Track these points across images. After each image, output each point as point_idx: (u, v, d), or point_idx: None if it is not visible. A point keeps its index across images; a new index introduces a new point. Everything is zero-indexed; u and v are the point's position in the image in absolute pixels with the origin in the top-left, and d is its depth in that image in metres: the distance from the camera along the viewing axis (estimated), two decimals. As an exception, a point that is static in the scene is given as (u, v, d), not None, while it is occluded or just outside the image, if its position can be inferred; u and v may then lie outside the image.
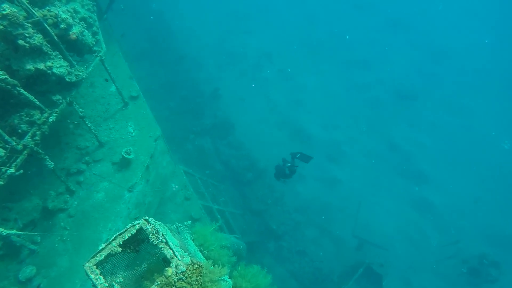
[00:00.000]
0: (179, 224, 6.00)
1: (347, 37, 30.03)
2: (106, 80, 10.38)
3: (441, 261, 16.70)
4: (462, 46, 32.10)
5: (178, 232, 5.79)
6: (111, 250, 4.21)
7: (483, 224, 19.30)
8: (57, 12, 6.81)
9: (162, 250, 4.10)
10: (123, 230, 4.26)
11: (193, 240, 6.53)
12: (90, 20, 8.71)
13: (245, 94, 21.62)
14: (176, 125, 17.21)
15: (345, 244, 17.19)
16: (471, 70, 29.87)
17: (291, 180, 13.50)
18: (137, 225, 4.22)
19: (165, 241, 4.16)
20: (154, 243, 4.10)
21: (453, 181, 20.35)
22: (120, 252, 4.30)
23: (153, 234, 4.13)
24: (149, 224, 4.24)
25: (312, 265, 15.10)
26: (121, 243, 4.22)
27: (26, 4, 6.19)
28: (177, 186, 10.31)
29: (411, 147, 21.66)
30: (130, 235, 4.23)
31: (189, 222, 6.22)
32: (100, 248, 4.29)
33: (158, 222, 4.77)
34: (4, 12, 5.71)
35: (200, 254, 6.00)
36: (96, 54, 8.20)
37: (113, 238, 4.24)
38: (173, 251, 4.12)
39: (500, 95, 27.21)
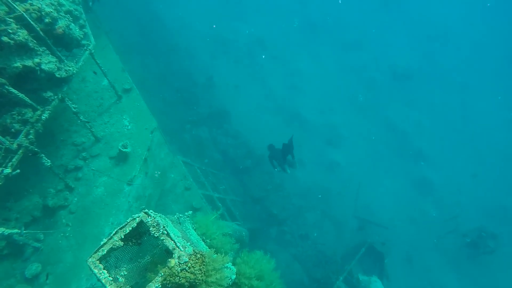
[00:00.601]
0: (180, 215, 6.02)
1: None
2: (95, 73, 10.20)
3: (442, 236, 17.02)
4: (457, 21, 31.74)
5: (180, 223, 5.81)
6: (113, 244, 4.24)
7: (482, 198, 19.58)
8: (40, 5, 6.62)
9: (163, 242, 4.12)
10: (124, 224, 4.27)
11: (195, 229, 6.56)
12: (76, 12, 8.49)
13: (239, 81, 21.39)
14: (172, 116, 17.06)
15: (346, 225, 17.41)
16: (467, 46, 29.66)
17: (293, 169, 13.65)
18: (137, 218, 4.23)
19: (166, 232, 4.18)
20: (155, 235, 4.12)
21: (451, 158, 20.51)
22: (123, 246, 4.33)
23: (153, 227, 4.14)
24: (149, 217, 4.25)
25: (315, 248, 15.30)
26: (123, 237, 4.24)
27: (7, -2, 5.99)
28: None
29: (408, 127, 21.69)
30: (131, 228, 4.24)
31: (190, 212, 6.24)
32: (102, 243, 4.32)
33: (159, 214, 4.78)
34: (-16, 9, 5.54)
35: (203, 243, 6.05)
36: (85, 48, 8.03)
37: (114, 232, 4.25)
38: (174, 242, 4.15)
39: (497, 70, 27.13)
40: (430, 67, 26.33)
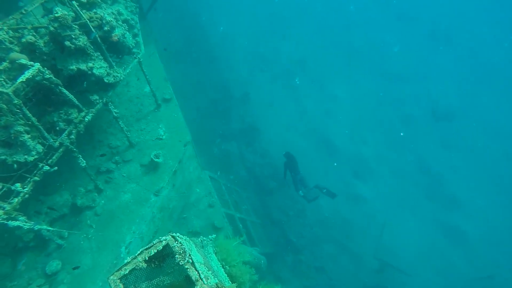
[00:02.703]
0: (204, 238, 5.87)
1: (395, 50, 29.02)
2: (138, 79, 10.54)
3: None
4: (507, 63, 30.18)
5: (202, 246, 5.66)
6: (136, 265, 4.14)
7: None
8: (102, 14, 6.94)
9: (187, 271, 3.96)
10: (149, 245, 4.17)
11: (215, 253, 6.37)
12: (132, 22, 8.85)
13: (274, 100, 21.38)
14: (204, 127, 17.24)
15: (365, 264, 16.48)
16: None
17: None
18: (164, 242, 4.12)
19: (191, 261, 4.03)
20: (180, 263, 3.97)
21: (489, 209, 19.00)
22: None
23: (179, 254, 4.00)
24: (176, 242, 4.12)
25: (330, 283, 14.58)
26: (147, 258, 4.13)
27: (76, 6, 6.33)
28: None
29: (443, 170, 20.49)
30: (156, 251, 4.14)
31: (214, 235, 6.06)
32: (126, 261, 4.23)
33: (184, 237, 4.66)
34: (56, 15, 5.86)
35: (222, 270, 5.84)
36: (134, 55, 8.29)
37: (139, 252, 4.16)
38: (198, 273, 3.98)
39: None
40: (474, 110, 24.96)
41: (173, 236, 4.15)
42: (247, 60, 24.10)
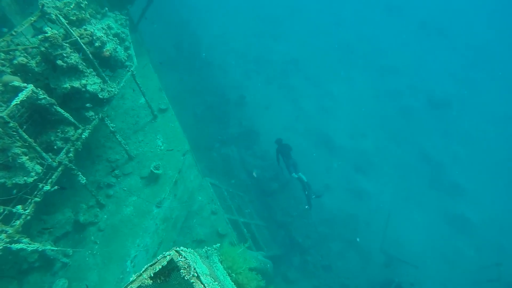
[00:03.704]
0: (208, 248, 5.85)
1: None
2: (133, 90, 10.54)
3: (480, 283, 15.57)
4: (500, 48, 30.20)
5: (207, 257, 5.65)
6: (142, 283, 4.12)
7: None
8: (92, 30, 6.93)
9: (193, 285, 3.96)
10: (153, 261, 4.16)
11: (221, 262, 6.36)
12: (123, 35, 8.84)
13: (271, 101, 21.37)
14: (202, 133, 17.25)
15: (372, 259, 16.46)
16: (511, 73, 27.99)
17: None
18: (168, 257, 4.10)
19: (196, 275, 4.02)
20: (185, 278, 3.96)
21: (493, 195, 18.97)
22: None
23: (184, 268, 3.99)
24: (181, 257, 4.10)
25: (338, 281, 14.56)
26: (152, 275, 4.12)
27: (66, 25, 6.32)
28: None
29: (444, 158, 20.48)
30: (160, 267, 4.13)
31: (218, 245, 6.04)
32: (131, 279, 4.21)
33: (189, 250, 4.64)
34: (46, 35, 5.86)
35: (229, 278, 5.83)
36: (128, 69, 8.29)
37: (144, 269, 4.14)
38: (204, 286, 3.97)
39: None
40: (470, 96, 24.96)
41: (177, 251, 4.14)
42: (241, 63, 24.09)
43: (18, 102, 5.57)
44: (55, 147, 6.69)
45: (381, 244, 16.66)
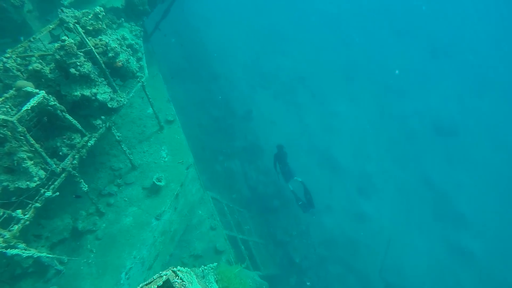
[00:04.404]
0: (205, 267, 5.75)
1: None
2: (142, 98, 10.61)
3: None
4: (510, 77, 30.17)
5: (203, 276, 5.55)
6: (136, 301, 4.04)
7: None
8: (107, 41, 7.06)
9: (188, 308, 3.87)
10: (149, 281, 4.07)
11: (217, 281, 6.24)
12: (136, 46, 9.03)
13: (276, 117, 21.45)
14: (206, 145, 17.28)
15: (371, 285, 16.10)
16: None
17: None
18: (164, 277, 4.03)
19: (191, 297, 3.94)
20: (181, 300, 3.88)
21: (497, 228, 18.60)
22: (145, 302, 4.12)
23: (180, 290, 3.91)
24: (177, 278, 4.03)
25: (335, 305, 14.24)
26: (147, 294, 4.04)
27: (82, 34, 6.46)
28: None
29: (448, 186, 20.22)
30: (156, 287, 4.05)
31: (215, 264, 5.94)
32: (126, 297, 4.14)
33: (186, 270, 4.56)
34: (63, 44, 5.98)
35: (224, 300, 5.72)
36: (138, 79, 8.39)
37: None
38: (199, 309, 3.88)
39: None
40: (477, 124, 24.87)
41: (173, 271, 4.07)
42: (248, 77, 24.34)
43: (29, 108, 5.63)
44: (60, 153, 6.70)
45: (381, 269, 16.32)
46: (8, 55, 6.45)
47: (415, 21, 34.81)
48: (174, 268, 4.17)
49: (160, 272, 4.16)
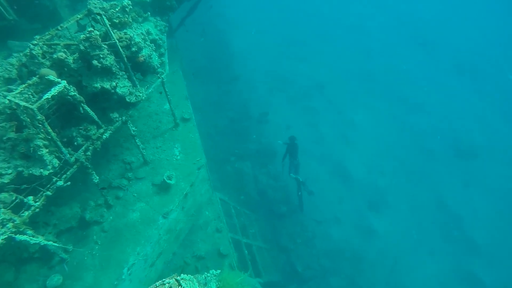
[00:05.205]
0: (208, 274, 5.66)
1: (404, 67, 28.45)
2: (160, 93, 10.59)
3: None
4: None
5: (205, 284, 5.46)
6: (136, 306, 3.97)
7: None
8: (132, 35, 7.05)
9: (187, 319, 3.78)
10: (152, 287, 4.02)
11: (218, 288, 6.14)
12: (160, 41, 9.01)
13: (292, 122, 21.22)
14: (220, 144, 17.27)
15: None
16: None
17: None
18: (167, 285, 3.95)
19: (192, 308, 3.84)
20: (181, 310, 3.79)
21: (510, 258, 17.85)
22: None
23: (181, 300, 3.82)
24: (180, 287, 3.94)
25: (334, 320, 13.93)
26: (148, 300, 3.97)
27: (108, 27, 6.47)
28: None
29: (463, 211, 19.50)
30: (157, 293, 3.97)
31: (218, 271, 5.84)
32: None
33: (189, 277, 4.49)
34: (88, 35, 6.00)
35: (223, 308, 5.60)
36: (158, 75, 8.37)
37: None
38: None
39: None
40: (499, 148, 23.87)
41: (177, 280, 3.98)
42: (267, 80, 24.20)
43: (49, 97, 5.66)
44: (75, 143, 6.74)
45: (385, 288, 15.90)
46: (36, 42, 6.51)
47: (441, 33, 33.91)
48: (178, 277, 4.08)
49: (163, 280, 4.09)
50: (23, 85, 5.96)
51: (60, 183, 6.25)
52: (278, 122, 20.52)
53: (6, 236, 5.48)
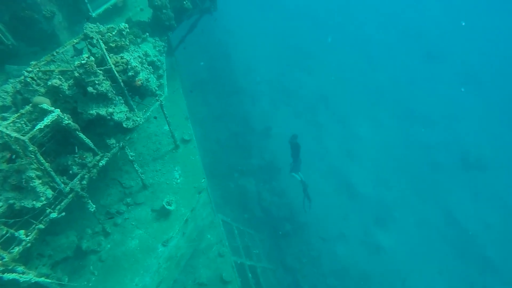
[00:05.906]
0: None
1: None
2: (155, 117, 10.30)
3: None
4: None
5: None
6: None
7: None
8: (128, 59, 6.89)
9: None
10: None
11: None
12: (158, 63, 8.87)
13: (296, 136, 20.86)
14: (222, 160, 16.98)
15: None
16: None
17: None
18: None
19: None
20: None
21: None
22: None
23: None
24: None
25: None
26: None
27: (104, 51, 6.31)
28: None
29: (473, 225, 18.88)
30: None
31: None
32: None
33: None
34: (83, 62, 5.84)
35: None
36: (157, 98, 8.18)
37: None
38: None
39: None
40: (509, 160, 23.30)
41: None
42: (271, 93, 23.99)
43: (42, 127, 5.46)
44: (70, 171, 6.51)
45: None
46: (30, 68, 6.37)
47: (448, 45, 33.60)
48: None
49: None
50: (16, 115, 5.78)
51: (54, 215, 5.99)
52: (282, 136, 20.20)
53: (-7, 275, 5.20)
